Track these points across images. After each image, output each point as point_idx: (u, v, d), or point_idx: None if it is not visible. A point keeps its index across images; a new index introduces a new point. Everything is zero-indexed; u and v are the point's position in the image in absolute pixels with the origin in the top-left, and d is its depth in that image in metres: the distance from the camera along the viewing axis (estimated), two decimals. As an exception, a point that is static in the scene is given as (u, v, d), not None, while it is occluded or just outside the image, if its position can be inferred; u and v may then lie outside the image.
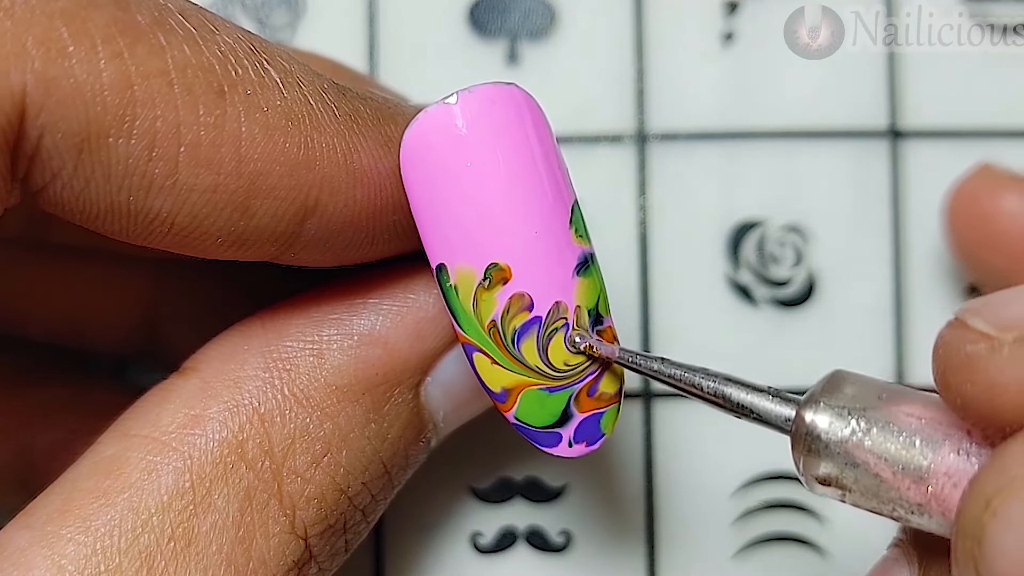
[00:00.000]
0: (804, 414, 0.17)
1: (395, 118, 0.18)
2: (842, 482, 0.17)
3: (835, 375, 0.17)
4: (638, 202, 0.25)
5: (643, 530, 0.25)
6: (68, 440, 0.22)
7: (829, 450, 0.17)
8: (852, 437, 0.16)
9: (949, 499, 0.16)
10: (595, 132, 0.25)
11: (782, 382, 0.25)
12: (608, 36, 0.25)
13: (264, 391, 0.18)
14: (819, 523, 0.25)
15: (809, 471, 0.17)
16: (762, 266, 0.25)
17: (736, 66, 0.25)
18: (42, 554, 0.17)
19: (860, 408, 0.17)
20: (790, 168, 0.25)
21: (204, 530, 0.17)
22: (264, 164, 0.17)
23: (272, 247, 0.18)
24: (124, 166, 0.16)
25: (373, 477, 0.19)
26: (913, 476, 0.16)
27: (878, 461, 0.16)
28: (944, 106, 0.25)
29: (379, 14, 0.26)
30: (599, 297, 0.19)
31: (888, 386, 0.17)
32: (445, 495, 0.25)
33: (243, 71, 0.17)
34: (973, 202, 0.23)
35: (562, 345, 0.19)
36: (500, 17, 0.26)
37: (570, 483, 0.25)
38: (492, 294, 0.18)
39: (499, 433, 0.24)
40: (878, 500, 0.17)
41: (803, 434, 0.17)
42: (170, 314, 0.23)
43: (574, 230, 0.19)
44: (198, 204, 0.17)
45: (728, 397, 0.18)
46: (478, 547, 0.25)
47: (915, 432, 0.16)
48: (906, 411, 0.17)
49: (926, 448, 0.16)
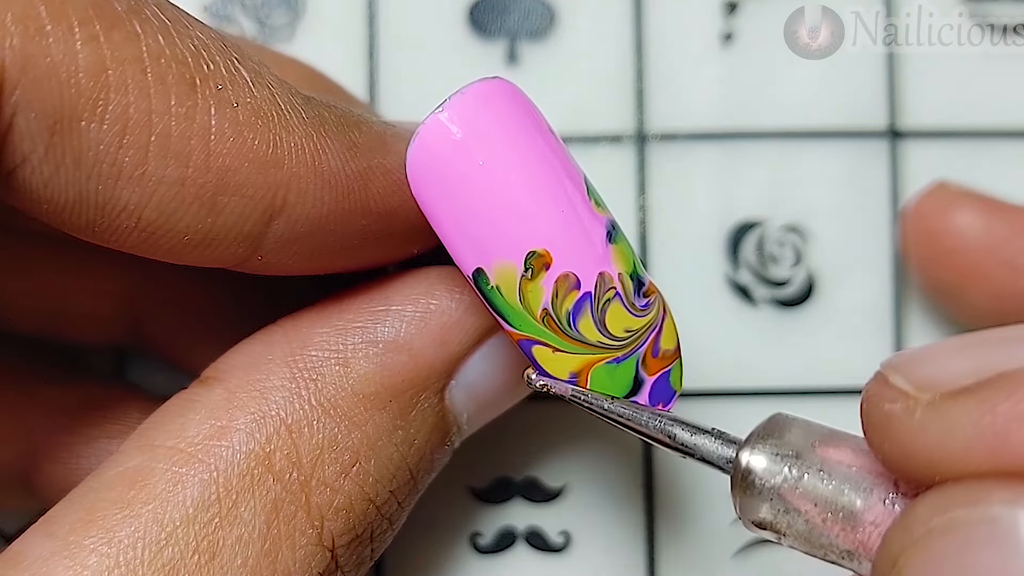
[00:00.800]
0: (741, 457, 0.17)
1: (359, 126, 0.18)
2: (777, 526, 0.17)
3: (774, 418, 0.18)
4: (637, 202, 0.25)
5: (643, 530, 0.25)
6: (69, 440, 0.22)
7: (764, 494, 0.17)
8: (785, 483, 0.17)
9: (876, 547, 0.16)
10: (595, 132, 0.25)
11: (782, 382, 0.25)
12: (608, 36, 0.25)
13: (291, 401, 0.18)
14: (819, 523, 0.25)
15: (746, 514, 0.17)
16: (762, 266, 0.25)
17: (736, 66, 0.25)
18: (64, 564, 0.16)
19: (794, 454, 0.17)
20: (790, 168, 0.25)
21: (229, 543, 0.17)
22: (233, 160, 0.17)
23: (239, 248, 0.18)
24: (95, 152, 0.16)
25: (400, 484, 0.19)
26: (843, 523, 0.16)
27: (810, 507, 0.17)
28: (944, 106, 0.25)
29: (379, 14, 0.26)
30: (634, 260, 0.19)
31: (826, 431, 0.17)
32: (444, 495, 0.25)
33: (215, 66, 0.17)
34: (926, 219, 0.24)
35: (619, 314, 0.19)
36: (500, 17, 0.26)
37: (569, 483, 0.25)
38: (537, 283, 0.18)
39: (499, 433, 0.24)
40: (811, 545, 0.17)
41: (740, 476, 0.17)
42: (154, 304, 0.23)
43: (594, 202, 0.19)
44: (166, 197, 0.17)
45: (673, 436, 0.18)
46: (477, 547, 0.25)
47: (845, 479, 0.16)
48: (838, 458, 0.17)
49: (855, 496, 0.16)
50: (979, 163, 0.25)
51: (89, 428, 0.21)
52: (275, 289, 0.20)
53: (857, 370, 0.25)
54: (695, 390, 0.25)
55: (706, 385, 0.25)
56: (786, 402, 0.25)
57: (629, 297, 0.19)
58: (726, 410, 0.25)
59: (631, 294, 0.19)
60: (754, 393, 0.25)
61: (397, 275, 0.20)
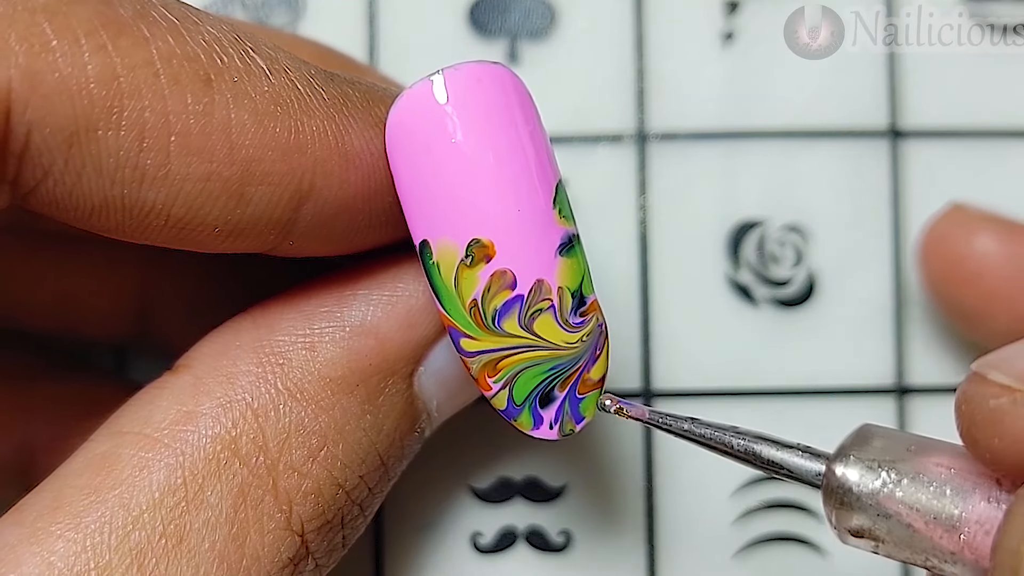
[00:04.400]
0: (835, 468, 0.17)
1: (384, 100, 0.18)
2: (875, 533, 0.17)
3: (863, 429, 0.18)
4: (638, 202, 0.25)
5: (643, 530, 0.25)
6: (68, 436, 0.22)
7: (861, 502, 0.17)
8: (883, 489, 0.17)
9: (982, 546, 0.16)
10: (595, 132, 0.25)
11: (783, 382, 0.25)
12: (608, 36, 0.25)
13: (257, 386, 0.18)
14: (819, 523, 0.25)
15: (842, 524, 0.17)
16: (762, 266, 0.25)
17: (736, 66, 0.25)
18: (31, 551, 0.16)
19: (889, 460, 0.17)
20: (790, 168, 0.25)
21: (196, 527, 0.17)
22: (256, 150, 0.17)
23: (269, 236, 0.18)
24: (115, 159, 0.16)
25: (370, 470, 0.19)
26: (945, 525, 0.16)
27: (910, 511, 0.17)
28: (944, 106, 0.25)
29: (379, 14, 0.26)
30: (583, 278, 0.19)
31: (915, 438, 0.18)
32: (445, 495, 0.25)
33: (228, 59, 0.17)
34: (945, 243, 0.24)
35: (549, 325, 0.19)
36: (500, 17, 0.26)
37: (570, 483, 0.25)
38: (474, 272, 0.18)
39: (499, 433, 0.24)
40: (911, 550, 0.17)
41: (834, 487, 0.17)
42: (163, 299, 0.23)
43: (558, 210, 0.18)
44: (192, 194, 0.17)
45: (759, 455, 0.18)
46: (478, 547, 0.25)
47: (945, 482, 0.17)
48: (935, 461, 0.17)
49: (956, 497, 0.16)
50: (980, 163, 0.25)
51: (87, 423, 0.21)
52: (286, 284, 0.20)
53: (857, 370, 0.25)
54: (696, 390, 0.25)
55: (706, 385, 0.25)
56: (787, 402, 0.25)
57: (564, 313, 0.19)
58: (726, 410, 0.25)
59: (567, 310, 0.19)
60: (755, 393, 0.25)
61: (366, 262, 0.20)
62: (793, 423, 0.25)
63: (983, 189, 0.25)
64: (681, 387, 0.25)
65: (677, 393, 0.25)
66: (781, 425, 0.25)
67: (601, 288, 0.25)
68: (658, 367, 0.25)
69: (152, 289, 0.23)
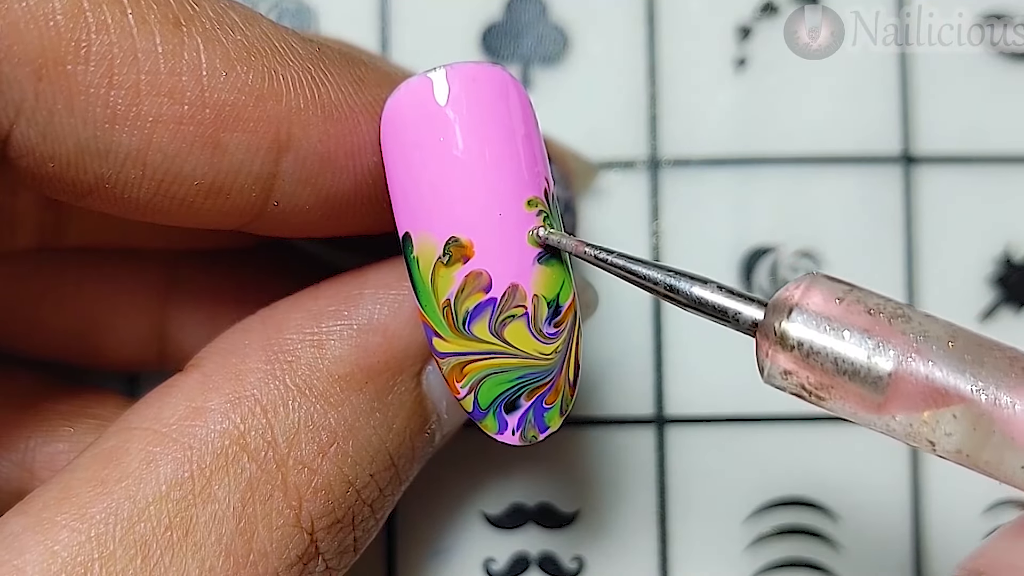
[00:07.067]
0: (773, 317, 0.17)
1: (364, 64, 0.18)
2: (804, 378, 0.17)
3: (805, 277, 0.17)
4: (651, 228, 0.25)
5: (656, 555, 0.25)
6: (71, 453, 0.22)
7: (796, 349, 0.17)
8: (817, 336, 0.17)
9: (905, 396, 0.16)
10: (608, 158, 0.25)
11: (798, 410, 0.25)
12: (621, 62, 0.25)
13: (266, 382, 0.18)
14: (833, 549, 0.25)
15: (774, 364, 0.17)
16: (775, 291, 0.25)
17: (749, 91, 0.25)
18: (35, 539, 0.16)
19: (826, 315, 0.17)
20: (803, 193, 0.25)
21: (203, 521, 0.17)
22: (228, 94, 0.17)
23: (252, 192, 0.18)
24: (85, 95, 0.16)
25: (380, 469, 0.19)
26: (872, 376, 0.16)
27: (839, 359, 0.16)
28: (957, 132, 0.25)
29: (391, 39, 0.26)
30: (560, 289, 0.19)
31: (853, 287, 0.17)
32: (457, 521, 0.25)
33: (200, 8, 0.17)
34: None
35: (520, 332, 0.18)
36: (513, 42, 0.26)
37: (583, 509, 0.25)
38: (451, 272, 0.18)
39: (511, 459, 0.24)
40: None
41: (770, 331, 0.17)
42: (180, 320, 0.23)
43: (542, 218, 0.18)
44: (166, 138, 0.17)
45: (689, 294, 0.18)
46: (491, 573, 0.25)
47: (873, 336, 0.16)
48: (870, 307, 0.17)
49: (884, 348, 0.16)
50: (993, 189, 0.25)
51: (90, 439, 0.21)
52: None
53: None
54: (709, 416, 0.25)
55: (720, 411, 0.25)
56: (800, 429, 0.25)
57: (538, 322, 0.18)
58: (740, 436, 0.25)
59: (541, 319, 0.18)
60: (768, 419, 0.25)
61: (372, 263, 0.20)
62: (805, 450, 0.25)
63: (995, 215, 0.25)
64: (694, 413, 0.25)
65: (690, 419, 0.25)
66: (792, 452, 0.25)
67: (614, 314, 0.25)
68: (671, 393, 0.25)
69: (171, 304, 0.23)
